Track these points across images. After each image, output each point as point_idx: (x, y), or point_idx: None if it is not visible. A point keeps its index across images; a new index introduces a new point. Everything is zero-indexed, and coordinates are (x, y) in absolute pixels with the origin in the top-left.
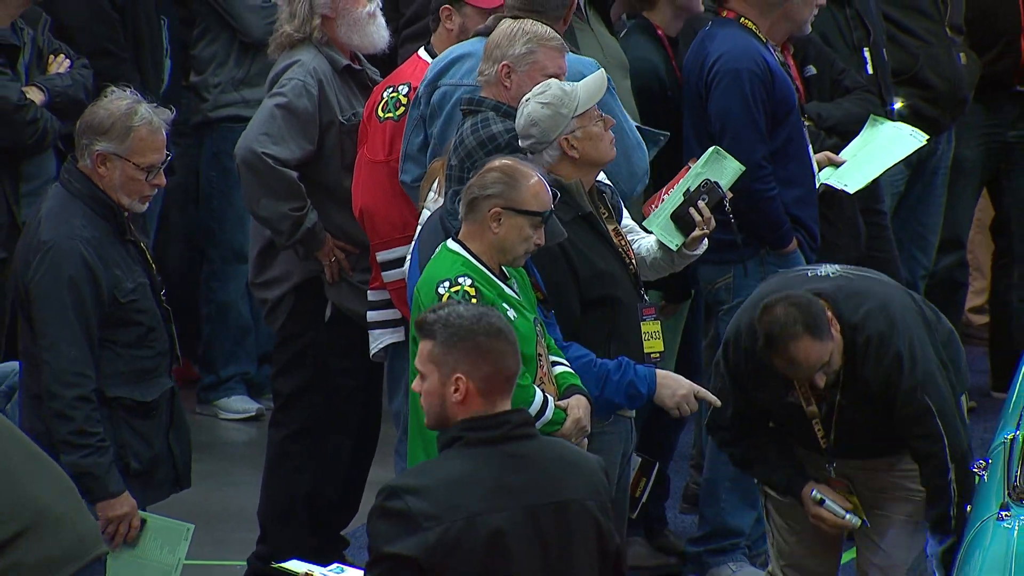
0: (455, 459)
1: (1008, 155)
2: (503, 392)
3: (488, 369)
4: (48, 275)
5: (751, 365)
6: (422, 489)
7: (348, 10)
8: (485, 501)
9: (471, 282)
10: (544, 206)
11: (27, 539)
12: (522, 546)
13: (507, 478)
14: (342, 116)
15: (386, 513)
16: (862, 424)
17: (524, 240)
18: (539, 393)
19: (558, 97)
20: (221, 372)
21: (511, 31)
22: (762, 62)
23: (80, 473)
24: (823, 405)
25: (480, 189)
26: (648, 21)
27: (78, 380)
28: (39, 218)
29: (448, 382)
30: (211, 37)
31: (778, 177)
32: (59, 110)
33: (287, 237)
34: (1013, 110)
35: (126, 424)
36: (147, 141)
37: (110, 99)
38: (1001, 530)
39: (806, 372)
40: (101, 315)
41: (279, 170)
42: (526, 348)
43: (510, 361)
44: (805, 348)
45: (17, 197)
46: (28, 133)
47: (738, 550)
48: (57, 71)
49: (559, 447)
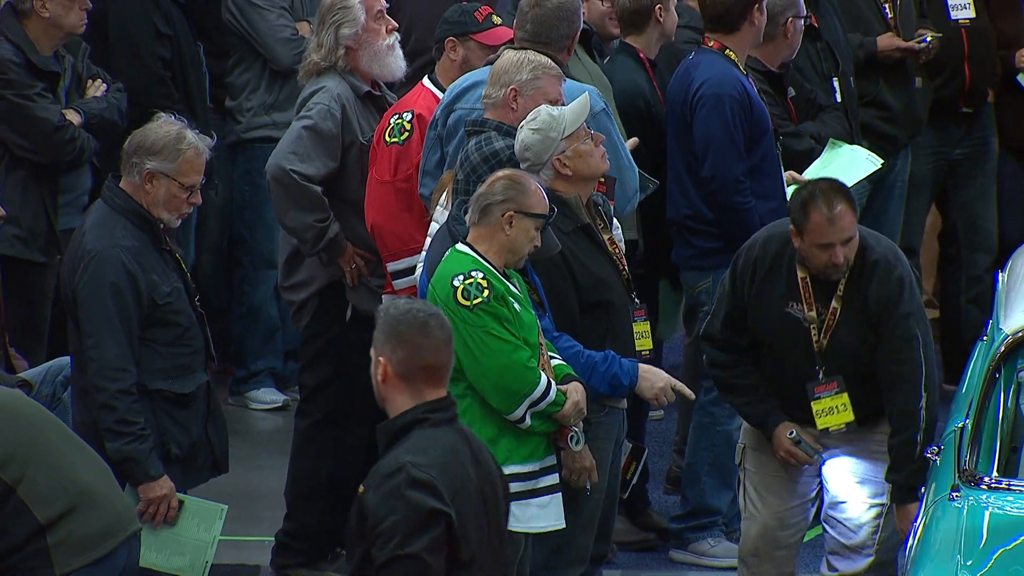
0: (433, 438)
1: (954, 171)
2: (428, 379)
3: (403, 355)
4: (93, 281)
5: (759, 273)
6: (430, 463)
7: (369, 42)
8: (469, 469)
9: (483, 275)
10: (546, 209)
11: (74, 516)
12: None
13: (469, 454)
14: (362, 137)
15: (415, 483)
16: (851, 341)
17: (530, 240)
18: (543, 376)
19: (546, 122)
20: (252, 367)
21: (519, 59)
22: (741, 88)
23: (123, 458)
24: (822, 316)
25: (491, 196)
26: (631, 46)
27: (120, 375)
28: (83, 230)
29: (376, 363)
30: (245, 66)
31: (755, 191)
32: (94, 130)
33: (312, 245)
34: (959, 130)
35: (167, 414)
36: (193, 163)
37: (160, 123)
38: (952, 508)
39: (838, 234)
40: (141, 316)
41: (305, 185)
42: (531, 336)
43: (428, 354)
44: (843, 211)
45: (56, 207)
46: (67, 151)
47: (716, 527)
48: (94, 95)
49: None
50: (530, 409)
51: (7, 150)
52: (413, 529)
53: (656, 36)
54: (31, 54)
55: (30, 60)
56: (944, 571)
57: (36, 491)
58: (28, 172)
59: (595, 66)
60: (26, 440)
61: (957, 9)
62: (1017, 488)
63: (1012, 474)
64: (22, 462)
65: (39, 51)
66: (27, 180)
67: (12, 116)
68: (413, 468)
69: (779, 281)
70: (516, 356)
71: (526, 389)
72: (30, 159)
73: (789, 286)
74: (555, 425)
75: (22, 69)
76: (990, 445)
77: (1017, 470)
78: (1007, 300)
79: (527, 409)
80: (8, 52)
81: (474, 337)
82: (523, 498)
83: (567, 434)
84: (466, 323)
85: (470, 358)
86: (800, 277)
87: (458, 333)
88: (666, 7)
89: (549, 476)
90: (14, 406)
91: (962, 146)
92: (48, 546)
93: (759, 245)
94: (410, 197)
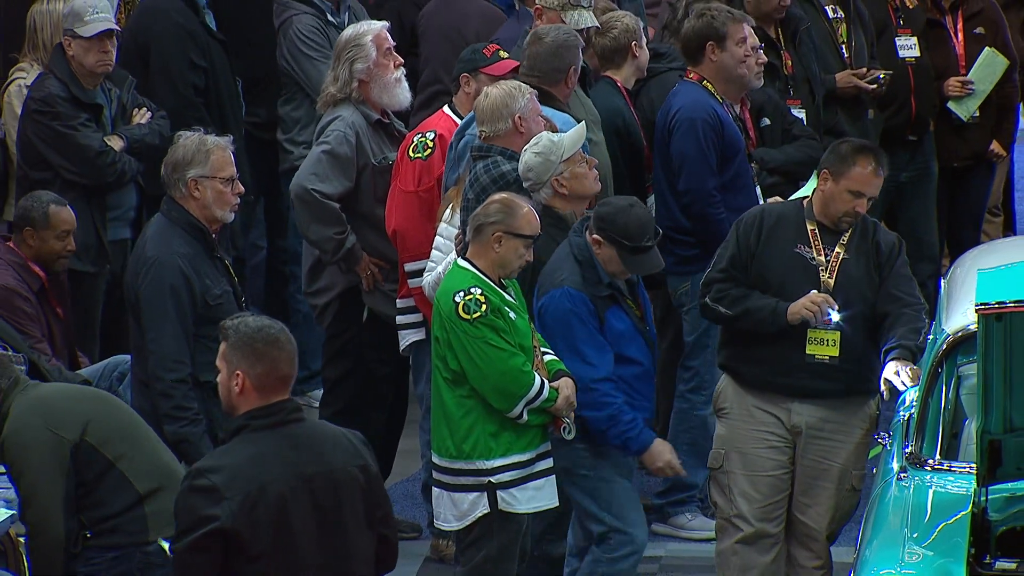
0: (245, 443)
1: (901, 192)
2: (277, 389)
3: (262, 369)
4: (153, 284)
5: (767, 223)
6: (222, 468)
7: (380, 76)
8: (271, 473)
9: (481, 291)
10: (534, 231)
11: (164, 493)
12: (302, 508)
13: (286, 454)
14: (374, 159)
15: (195, 489)
16: (856, 278)
17: (519, 257)
18: (537, 377)
19: (547, 147)
20: (312, 368)
21: (507, 91)
22: (713, 113)
23: (179, 440)
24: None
25: (485, 217)
26: (611, 79)
27: (177, 366)
28: (145, 240)
29: (232, 376)
30: (296, 104)
31: (728, 205)
32: (137, 153)
33: (331, 255)
34: (905, 155)
35: (215, 404)
36: (222, 158)
37: (181, 141)
38: (901, 488)
39: (872, 189)
40: (195, 315)
41: (325, 202)
42: (525, 341)
43: (283, 365)
44: (881, 172)
45: (104, 223)
46: (108, 173)
47: (692, 502)
48: (139, 122)
49: (323, 427)
50: (526, 407)
51: (58, 174)
52: (183, 530)
53: (632, 70)
54: (75, 89)
55: (74, 94)
56: (893, 542)
57: (134, 467)
58: (78, 193)
59: (588, 101)
60: (123, 425)
61: (904, 49)
62: (958, 469)
63: (953, 457)
64: (120, 441)
65: (83, 86)
66: (77, 200)
67: (60, 144)
68: (197, 475)
69: (788, 229)
70: (512, 362)
71: (522, 391)
72: (78, 182)
73: (798, 233)
74: (549, 417)
75: (67, 102)
76: (934, 432)
77: (957, 453)
78: (948, 304)
79: (524, 407)
80: (56, 88)
81: (475, 347)
82: (522, 482)
83: (561, 425)
84: (467, 334)
85: (472, 365)
86: (810, 228)
87: (460, 343)
88: (639, 44)
89: (544, 461)
90: (110, 398)
91: (908, 169)
92: (146, 514)
93: (759, 209)
94: (430, 206)
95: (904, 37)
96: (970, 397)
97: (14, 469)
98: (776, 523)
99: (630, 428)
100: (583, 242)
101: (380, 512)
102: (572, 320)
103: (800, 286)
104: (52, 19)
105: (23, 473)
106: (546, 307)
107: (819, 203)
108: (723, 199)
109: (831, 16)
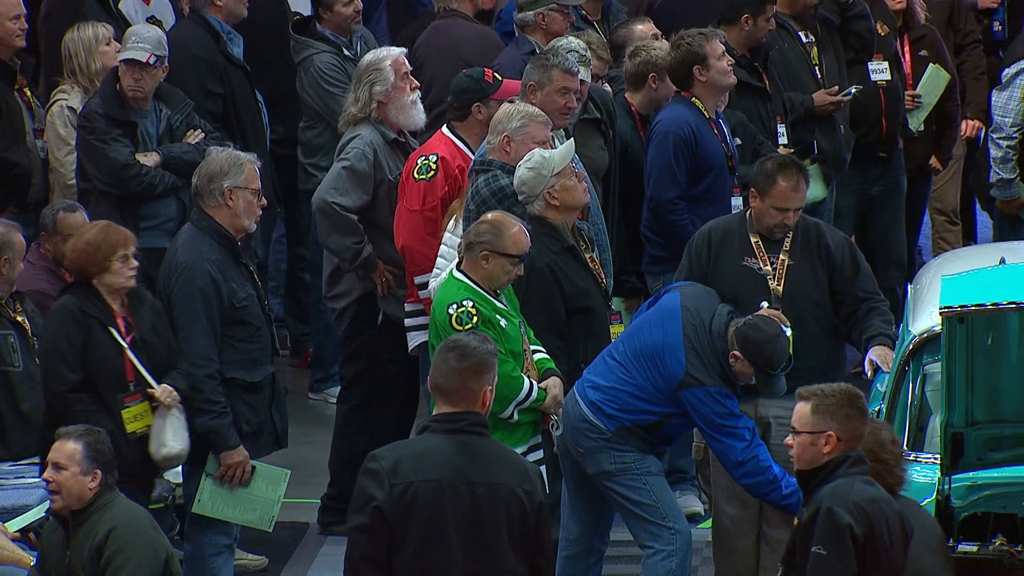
0: (423, 440)
1: (872, 205)
2: (465, 400)
3: (430, 373)
4: (184, 287)
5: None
6: (392, 456)
7: (397, 98)
8: (436, 471)
9: (472, 303)
10: (522, 250)
11: None
12: (458, 511)
13: (456, 458)
14: (391, 175)
15: (365, 471)
16: (804, 283)
17: (506, 273)
18: (526, 381)
19: (539, 162)
20: (329, 370)
21: (509, 111)
22: (690, 129)
23: (208, 431)
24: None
25: (475, 236)
26: (626, 100)
27: (206, 363)
28: (176, 247)
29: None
30: (319, 131)
31: (701, 216)
32: (174, 169)
33: (350, 263)
34: (876, 170)
35: (239, 398)
36: (254, 171)
37: (213, 155)
38: None
39: (796, 202)
40: (222, 316)
41: (344, 214)
42: (515, 347)
43: (437, 375)
44: (803, 184)
45: (137, 231)
46: (132, 185)
47: (684, 482)
48: (189, 141)
49: (500, 447)
50: (516, 408)
51: (94, 185)
52: (354, 508)
53: (648, 99)
54: (109, 106)
55: (108, 111)
56: None
57: None
58: (112, 203)
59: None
60: None
61: (876, 72)
62: (923, 460)
63: (919, 449)
64: None
65: (123, 106)
66: (111, 209)
67: (93, 156)
68: (371, 459)
69: (733, 245)
70: (502, 369)
71: (512, 394)
72: (110, 192)
73: (743, 247)
74: (538, 414)
75: (102, 118)
76: (901, 425)
77: (923, 445)
78: (915, 307)
79: (514, 408)
80: (95, 105)
81: None
82: None
83: (550, 421)
84: None
85: None
86: (753, 241)
87: None
88: (660, 78)
89: (534, 454)
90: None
91: (879, 183)
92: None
93: (707, 229)
94: (435, 224)
95: (877, 62)
96: (935, 393)
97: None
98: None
99: (792, 494)
100: (722, 350)
101: (538, 540)
102: (724, 422)
103: (752, 296)
104: (84, 44)
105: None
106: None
107: (755, 218)
108: (694, 210)
109: (804, 41)
